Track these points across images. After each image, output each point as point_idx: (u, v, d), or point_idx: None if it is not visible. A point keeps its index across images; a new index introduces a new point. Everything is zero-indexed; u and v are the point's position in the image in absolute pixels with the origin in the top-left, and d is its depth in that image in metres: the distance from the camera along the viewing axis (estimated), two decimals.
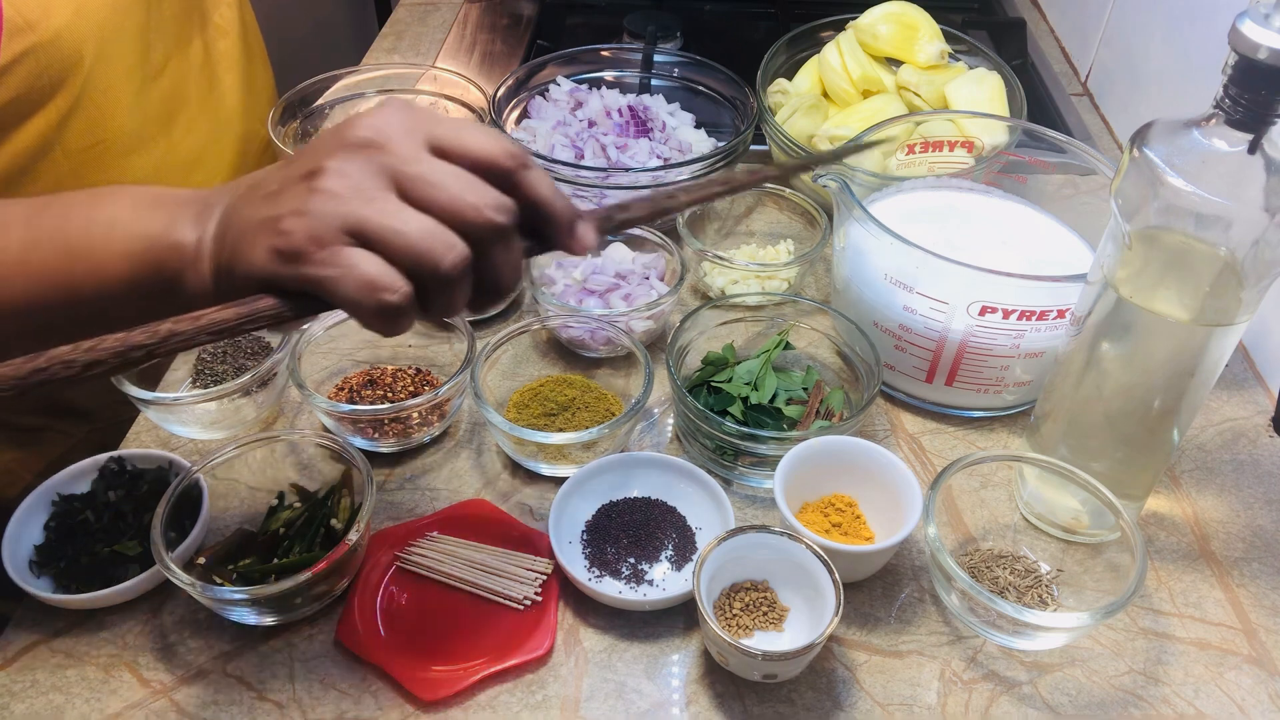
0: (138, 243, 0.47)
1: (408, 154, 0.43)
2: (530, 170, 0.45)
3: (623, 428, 0.71)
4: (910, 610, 0.66)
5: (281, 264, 0.42)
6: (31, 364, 0.41)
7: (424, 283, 0.42)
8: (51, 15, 0.67)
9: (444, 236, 0.42)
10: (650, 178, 0.89)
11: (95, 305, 0.48)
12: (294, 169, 0.44)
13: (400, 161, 0.42)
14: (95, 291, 0.48)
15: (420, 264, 0.42)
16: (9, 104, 0.67)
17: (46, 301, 0.48)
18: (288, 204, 0.42)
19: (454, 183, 0.42)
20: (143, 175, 0.81)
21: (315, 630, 0.64)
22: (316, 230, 0.41)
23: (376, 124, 0.43)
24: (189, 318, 0.42)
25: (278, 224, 0.42)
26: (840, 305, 0.82)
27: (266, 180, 0.45)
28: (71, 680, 0.61)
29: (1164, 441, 0.64)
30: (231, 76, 0.93)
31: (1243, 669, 0.63)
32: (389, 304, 0.41)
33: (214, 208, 0.47)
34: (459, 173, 0.43)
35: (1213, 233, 0.53)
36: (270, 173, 0.46)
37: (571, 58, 1.07)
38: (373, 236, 0.41)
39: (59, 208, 0.48)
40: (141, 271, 0.47)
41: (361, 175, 0.42)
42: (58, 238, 0.47)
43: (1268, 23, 0.48)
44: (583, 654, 0.63)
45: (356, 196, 0.42)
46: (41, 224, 0.48)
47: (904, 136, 0.89)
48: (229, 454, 0.68)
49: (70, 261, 0.47)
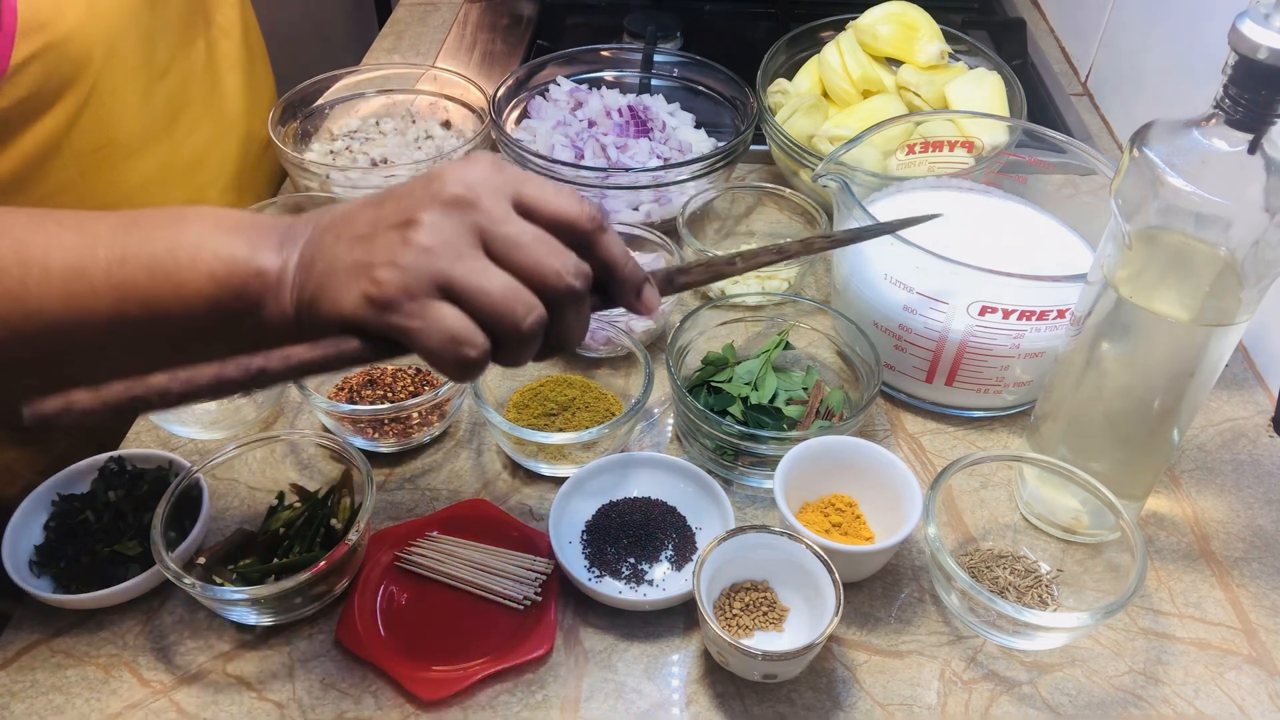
0: (221, 265, 0.48)
1: (497, 213, 0.45)
2: (606, 233, 0.48)
3: (623, 428, 0.71)
4: (910, 610, 0.66)
5: (372, 311, 0.44)
6: (129, 393, 0.43)
7: (501, 338, 0.45)
8: (64, 15, 0.67)
9: (525, 298, 0.44)
10: (650, 178, 0.89)
11: (177, 325, 0.49)
12: (385, 214, 0.46)
13: (489, 221, 0.45)
14: (178, 311, 0.48)
15: (500, 322, 0.44)
16: (20, 103, 0.67)
17: (131, 318, 0.48)
18: (382, 253, 0.44)
19: (538, 246, 0.45)
20: (147, 175, 0.81)
21: (315, 630, 0.64)
22: (409, 283, 0.43)
23: (468, 180, 0.45)
24: (279, 355, 0.44)
25: (372, 271, 0.44)
26: (840, 305, 0.82)
27: (354, 219, 0.47)
28: (71, 680, 0.61)
29: (1164, 441, 0.64)
30: (234, 77, 0.93)
31: (1243, 669, 0.63)
32: (468, 358, 0.44)
33: (297, 236, 0.48)
34: (542, 235, 0.45)
35: (1213, 233, 0.53)
36: (357, 211, 0.47)
37: (571, 58, 1.07)
38: (460, 292, 0.44)
39: (145, 226, 0.49)
40: (224, 294, 0.48)
41: (454, 232, 0.44)
42: (144, 255, 0.48)
43: (1268, 23, 0.48)
44: (583, 654, 0.63)
45: (448, 252, 0.44)
46: (128, 241, 0.48)
47: (904, 136, 0.89)
48: (229, 454, 0.68)
49: (155, 280, 0.48)
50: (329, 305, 0.45)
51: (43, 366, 0.49)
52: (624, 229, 0.87)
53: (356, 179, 0.91)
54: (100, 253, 0.48)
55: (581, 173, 0.89)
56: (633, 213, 0.93)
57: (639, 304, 0.50)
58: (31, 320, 0.47)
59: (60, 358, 0.49)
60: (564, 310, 0.46)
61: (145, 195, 0.82)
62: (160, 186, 0.83)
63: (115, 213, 0.50)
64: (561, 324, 0.47)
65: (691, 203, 0.89)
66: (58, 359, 0.49)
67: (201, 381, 0.43)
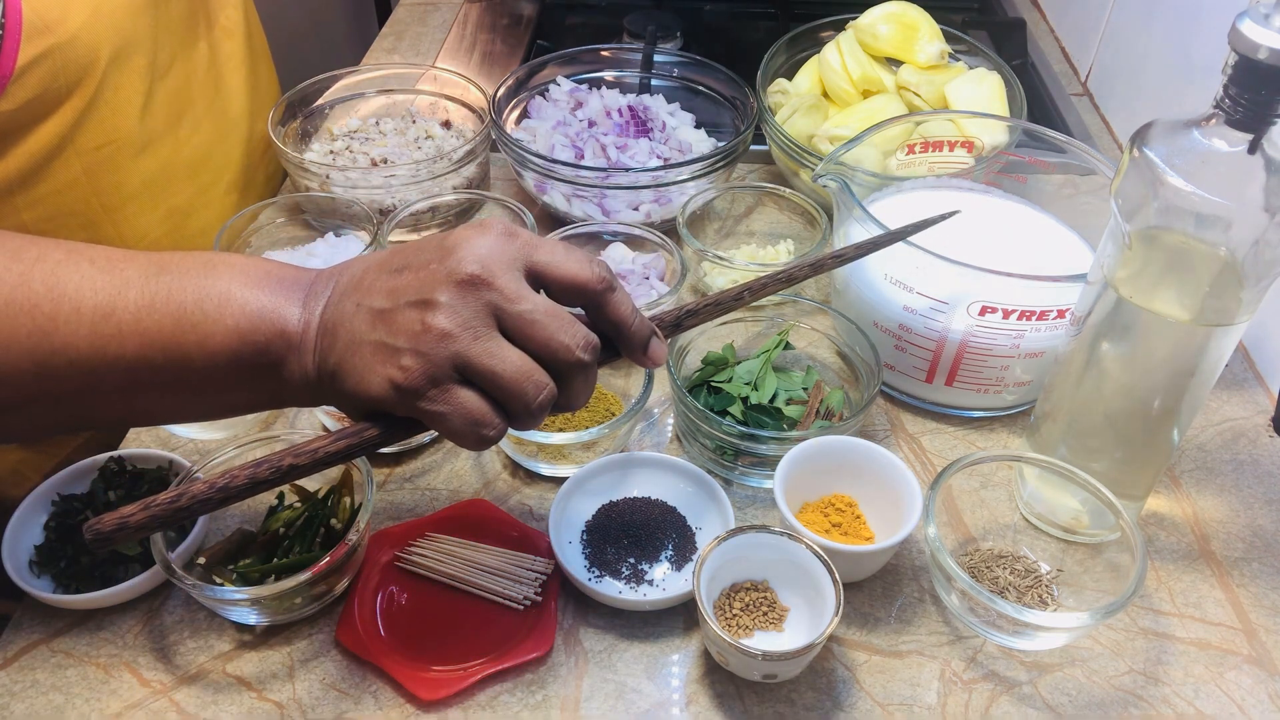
0: (247, 321, 0.49)
1: (510, 291, 0.47)
2: (615, 293, 0.50)
3: (623, 428, 0.71)
4: (910, 610, 0.66)
5: (399, 396, 0.47)
6: (174, 505, 0.48)
7: (513, 413, 0.48)
8: (70, 17, 0.67)
9: (536, 377, 0.47)
10: (650, 178, 0.89)
11: (200, 374, 0.50)
12: (404, 287, 0.47)
13: (503, 300, 0.47)
14: (201, 362, 0.49)
15: (513, 401, 0.48)
16: (27, 105, 0.67)
17: (155, 364, 0.49)
18: (403, 338, 0.46)
19: (550, 322, 0.47)
20: (151, 175, 0.81)
21: (315, 630, 0.64)
22: (433, 372, 0.46)
23: (482, 255, 0.47)
24: (307, 452, 0.49)
25: (398, 359, 0.46)
26: (840, 305, 0.82)
27: (371, 285, 0.48)
28: (71, 680, 0.61)
29: (1164, 441, 0.64)
30: (237, 77, 0.93)
31: (1243, 669, 0.63)
32: (487, 437, 0.48)
33: (319, 296, 0.50)
34: (554, 311, 0.48)
35: (1213, 233, 0.53)
36: (374, 275, 0.49)
37: (571, 58, 1.07)
38: (476, 374, 0.47)
39: (175, 273, 0.50)
40: (247, 349, 0.49)
41: (471, 314, 0.47)
42: (172, 304, 0.49)
43: (1268, 23, 0.48)
44: (583, 654, 0.63)
45: (466, 335, 0.46)
46: (158, 289, 0.49)
47: (904, 136, 0.89)
48: (229, 454, 0.68)
49: (181, 330, 0.49)
50: (353, 383, 0.48)
51: (67, 402, 0.50)
52: (624, 229, 0.87)
53: (356, 179, 0.91)
54: (130, 296, 0.49)
55: (581, 173, 0.89)
56: (633, 213, 0.93)
57: (646, 359, 0.52)
58: (58, 356, 0.48)
59: (84, 395, 0.50)
60: (572, 380, 0.49)
61: (149, 195, 0.82)
62: (164, 186, 0.83)
63: (147, 255, 0.51)
64: (569, 391, 0.50)
65: (691, 203, 0.89)
66: (81, 395, 0.50)
67: (236, 487, 0.48)
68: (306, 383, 0.50)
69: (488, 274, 0.47)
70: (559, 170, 0.89)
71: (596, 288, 0.49)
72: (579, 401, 0.51)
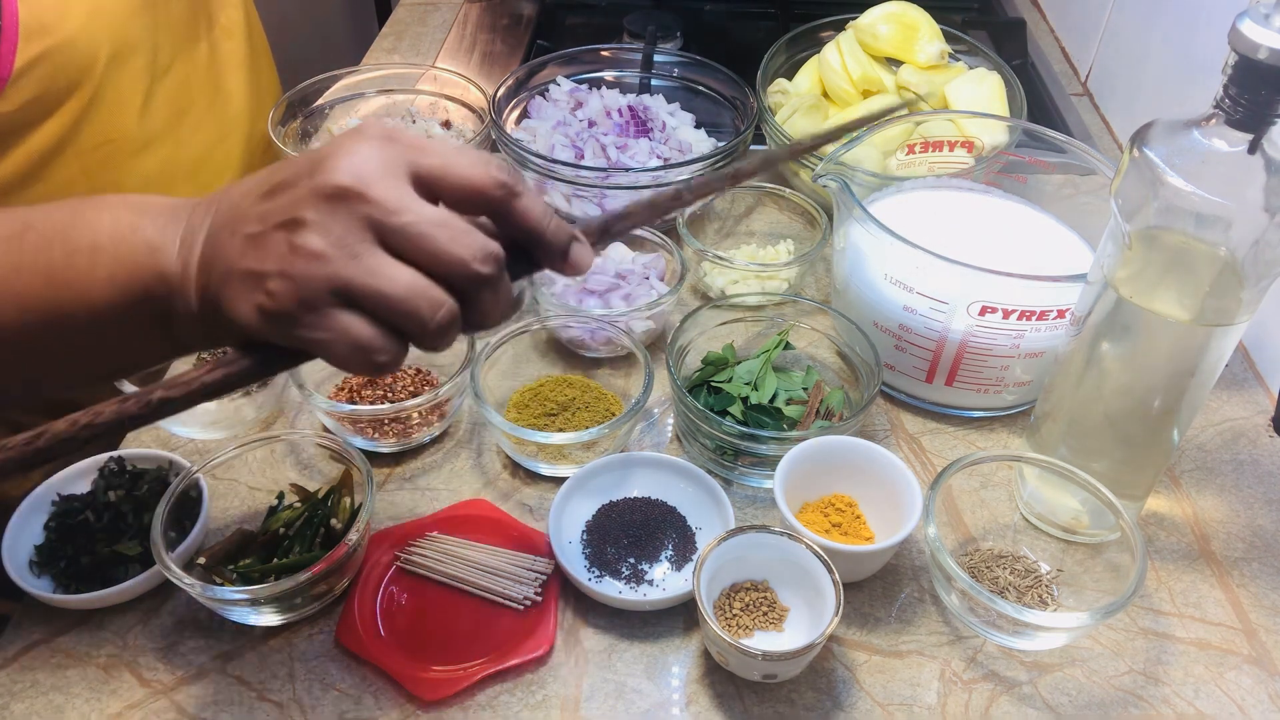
0: (122, 270, 0.46)
1: (390, 202, 0.41)
2: (520, 198, 0.44)
3: (623, 428, 0.71)
4: (910, 610, 0.66)
5: (269, 324, 0.42)
6: (33, 445, 0.43)
7: (411, 336, 0.43)
8: (68, 18, 0.67)
9: (430, 294, 0.42)
10: (650, 178, 0.89)
11: (87, 331, 0.47)
12: (273, 210, 0.43)
13: (382, 212, 0.41)
14: (85, 318, 0.47)
15: (407, 322, 0.42)
16: (25, 106, 0.67)
17: (37, 329, 0.47)
18: (270, 261, 0.42)
19: (439, 233, 0.42)
20: (150, 175, 0.81)
21: (315, 630, 0.64)
22: (304, 295, 0.41)
23: (355, 167, 0.41)
24: (180, 384, 0.44)
25: (263, 283, 0.42)
26: (840, 305, 0.82)
27: (244, 210, 0.44)
28: (71, 680, 0.61)
29: (1164, 441, 0.64)
30: (237, 77, 0.93)
31: (1243, 669, 0.63)
32: (379, 363, 0.42)
33: (198, 229, 0.46)
34: (443, 219, 0.42)
35: (1213, 233, 0.53)
36: (248, 200, 0.44)
37: (571, 58, 1.07)
38: (358, 297, 0.41)
39: (39, 233, 0.47)
40: (129, 298, 0.46)
41: (344, 230, 0.41)
42: (40, 265, 0.46)
43: (1268, 23, 0.48)
44: (583, 654, 0.63)
45: (340, 254, 0.41)
46: (23, 251, 0.46)
47: (904, 136, 0.89)
48: (229, 454, 0.68)
49: (55, 290, 0.46)
50: (229, 314, 0.43)
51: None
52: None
53: None
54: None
55: (581, 173, 0.89)
56: None
57: (567, 266, 0.46)
58: None
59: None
60: (477, 296, 0.43)
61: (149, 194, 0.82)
62: (164, 186, 0.83)
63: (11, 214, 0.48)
64: (476, 309, 0.44)
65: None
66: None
67: (102, 422, 0.43)
68: (194, 322, 0.46)
69: (361, 184, 0.41)
70: (559, 170, 0.89)
71: (496, 193, 0.43)
72: (491, 319, 0.45)
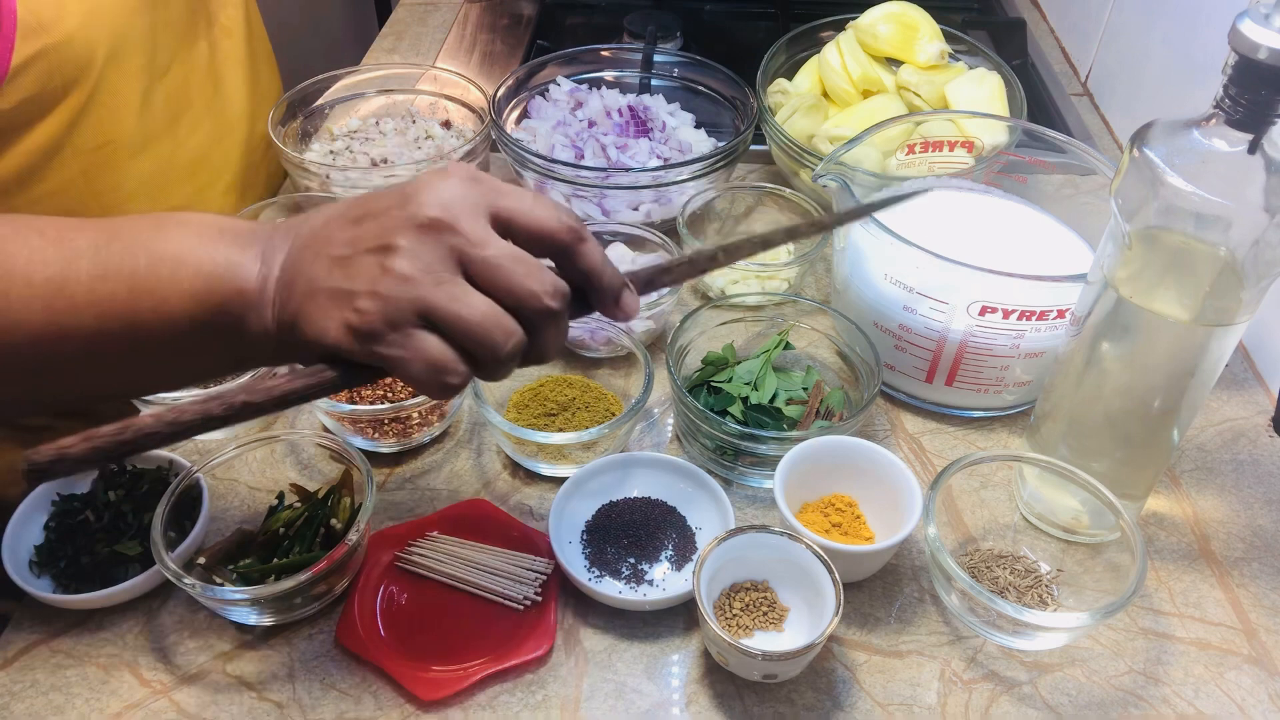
0: (201, 282, 0.48)
1: (474, 235, 0.45)
2: (585, 242, 0.48)
3: (623, 428, 0.71)
4: (910, 610, 0.66)
5: (355, 340, 0.45)
6: (118, 438, 0.44)
7: (480, 361, 0.46)
8: (65, 17, 0.67)
9: (504, 323, 0.45)
10: (650, 177, 0.89)
11: (159, 340, 0.49)
12: (363, 235, 0.46)
13: (467, 244, 0.45)
14: (159, 327, 0.48)
15: (479, 348, 0.45)
16: (22, 105, 0.67)
17: (113, 334, 0.48)
18: (362, 281, 0.45)
19: (516, 267, 0.45)
20: (149, 175, 0.81)
21: (315, 630, 0.64)
22: (391, 314, 0.44)
23: (444, 199, 0.45)
24: (262, 390, 0.46)
25: (353, 301, 0.45)
26: (840, 305, 0.82)
27: (331, 237, 0.47)
28: (71, 680, 0.61)
29: (1164, 441, 0.64)
30: (237, 77, 0.93)
31: (1243, 669, 0.63)
32: (449, 384, 0.46)
33: (276, 250, 0.49)
34: (520, 256, 0.46)
35: (1213, 233, 0.53)
36: (334, 226, 0.47)
37: (571, 58, 1.07)
38: (439, 320, 0.45)
39: (126, 240, 0.49)
40: (205, 311, 0.48)
41: (432, 257, 0.45)
42: (125, 272, 0.48)
43: (1268, 23, 0.48)
44: (583, 654, 0.63)
45: (426, 279, 0.44)
46: (109, 257, 0.48)
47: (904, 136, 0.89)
48: (229, 454, 0.68)
49: (136, 297, 0.48)
50: (311, 330, 0.46)
51: (29, 377, 0.50)
52: (624, 229, 0.87)
53: (356, 179, 0.91)
54: (82, 266, 0.48)
55: (581, 173, 0.89)
56: (633, 213, 0.93)
57: (617, 311, 0.50)
58: (13, 332, 0.47)
59: (45, 369, 0.49)
60: (542, 329, 0.47)
61: (147, 195, 0.81)
62: (162, 186, 0.83)
63: (97, 223, 0.50)
64: (540, 341, 0.48)
65: (691, 203, 0.89)
66: (43, 370, 0.49)
67: (186, 421, 0.45)
68: (268, 338, 0.49)
69: (450, 218, 0.45)
70: (559, 170, 0.89)
71: (565, 238, 0.47)
72: (550, 353, 0.49)
